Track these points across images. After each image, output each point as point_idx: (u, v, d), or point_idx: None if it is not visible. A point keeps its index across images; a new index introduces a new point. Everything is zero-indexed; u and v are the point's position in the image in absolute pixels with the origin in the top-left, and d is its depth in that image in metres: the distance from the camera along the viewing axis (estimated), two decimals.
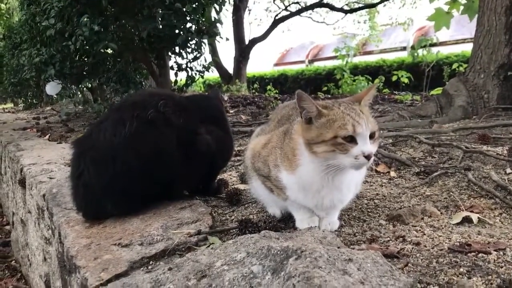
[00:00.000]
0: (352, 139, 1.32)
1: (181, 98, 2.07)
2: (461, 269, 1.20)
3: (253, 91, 13.45)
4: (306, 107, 1.39)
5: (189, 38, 5.43)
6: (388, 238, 1.47)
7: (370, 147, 1.33)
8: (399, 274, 1.15)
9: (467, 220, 1.59)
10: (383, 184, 2.13)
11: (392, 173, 2.28)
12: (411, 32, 19.35)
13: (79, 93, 6.64)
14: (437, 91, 5.41)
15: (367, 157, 1.32)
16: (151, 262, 1.36)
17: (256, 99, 8.03)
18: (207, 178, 2.08)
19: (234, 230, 1.61)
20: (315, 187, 1.44)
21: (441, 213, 1.69)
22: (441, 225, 1.57)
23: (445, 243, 1.40)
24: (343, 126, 1.32)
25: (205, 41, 5.78)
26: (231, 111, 6.19)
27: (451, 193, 1.92)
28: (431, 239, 1.44)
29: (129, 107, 1.82)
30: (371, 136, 1.35)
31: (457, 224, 1.58)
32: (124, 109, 1.82)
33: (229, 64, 15.64)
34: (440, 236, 1.47)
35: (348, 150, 1.32)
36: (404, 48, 18.64)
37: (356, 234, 1.53)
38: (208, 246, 1.40)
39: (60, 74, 5.93)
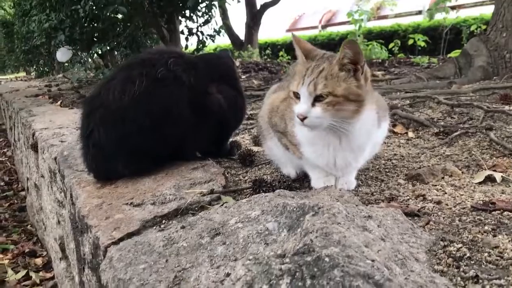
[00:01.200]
0: (299, 97, 1.30)
1: (191, 57, 2.01)
2: (486, 227, 1.14)
3: (265, 57, 13.26)
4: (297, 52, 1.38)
5: (199, 1, 5.29)
6: (408, 197, 1.42)
7: (302, 108, 1.27)
8: (420, 232, 1.11)
9: (490, 179, 1.53)
10: (401, 145, 2.06)
11: (410, 134, 2.21)
12: None
13: (89, 59, 6.57)
14: (455, 53, 5.25)
15: (299, 117, 1.28)
16: (163, 221, 1.33)
17: (268, 65, 7.90)
18: (220, 139, 2.03)
19: (247, 190, 1.57)
20: (321, 143, 1.39)
21: (462, 172, 1.63)
22: (463, 184, 1.51)
23: (468, 201, 1.34)
24: (294, 81, 1.32)
25: (216, 3, 5.64)
26: (243, 77, 6.10)
27: (472, 152, 1.86)
28: (453, 198, 1.39)
29: (138, 65, 1.75)
30: (319, 99, 1.26)
31: (480, 183, 1.51)
32: (133, 67, 1.76)
33: (240, 30, 15.39)
34: (462, 195, 1.41)
35: (293, 106, 1.34)
36: (419, 12, 18.15)
37: (374, 193, 1.48)
38: (222, 205, 1.37)
39: (70, 39, 5.87)
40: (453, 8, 8.33)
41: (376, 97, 1.46)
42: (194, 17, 5.82)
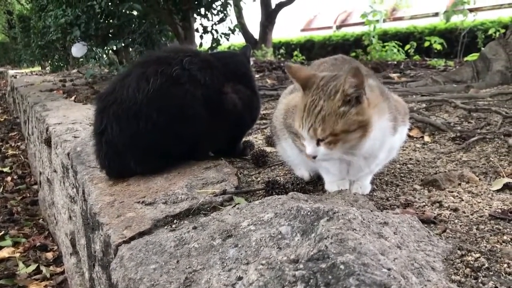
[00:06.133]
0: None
1: (206, 55, 1.99)
2: (505, 237, 1.12)
3: (279, 56, 13.23)
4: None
5: None
6: (424, 203, 1.39)
7: (309, 150, 1.28)
8: (437, 240, 1.08)
9: (508, 187, 1.49)
10: (417, 149, 2.03)
11: (426, 138, 2.18)
12: None
13: (104, 55, 6.60)
14: (472, 57, 5.18)
15: (309, 157, 1.29)
16: (175, 221, 1.32)
17: (282, 64, 7.86)
18: (233, 139, 2.01)
19: (260, 192, 1.55)
20: None
21: (479, 179, 1.60)
22: (480, 191, 1.48)
23: (486, 209, 1.31)
24: (295, 121, 1.33)
25: (231, 2, 5.63)
26: (256, 76, 6.08)
27: (490, 159, 1.82)
28: (470, 205, 1.36)
29: (153, 63, 1.75)
30: (321, 139, 1.25)
31: (498, 191, 1.48)
32: (148, 64, 1.75)
33: (255, 29, 15.38)
34: (480, 202, 1.38)
35: (298, 139, 1.37)
36: (436, 14, 17.95)
37: (389, 198, 1.45)
38: (234, 206, 1.35)
39: (85, 35, 5.90)
40: (471, 10, 8.22)
41: (393, 102, 1.42)
42: (209, 15, 5.82)
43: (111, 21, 6.01)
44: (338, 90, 1.22)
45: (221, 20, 5.92)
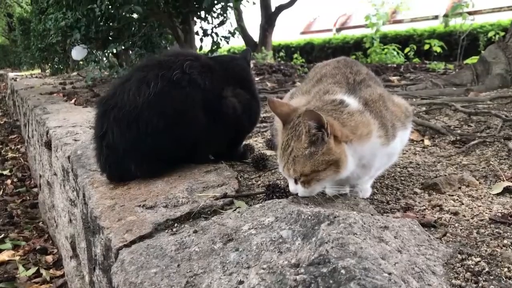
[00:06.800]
0: None
1: (206, 59, 2.00)
2: (505, 241, 1.12)
3: (279, 59, 13.24)
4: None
5: (215, 2, 5.30)
6: (424, 207, 1.39)
7: (291, 188, 1.33)
8: (437, 244, 1.09)
9: (508, 191, 1.50)
10: (417, 152, 2.03)
11: (426, 142, 2.18)
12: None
13: (104, 58, 6.61)
14: (472, 60, 5.19)
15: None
16: (176, 225, 1.32)
17: (282, 67, 7.86)
18: (233, 142, 2.02)
19: (261, 195, 1.55)
20: None
21: (479, 182, 1.60)
22: (480, 195, 1.48)
23: (486, 213, 1.32)
24: (277, 158, 1.35)
25: (231, 4, 5.64)
26: (256, 79, 6.08)
27: (490, 162, 1.82)
28: (470, 209, 1.36)
29: (154, 67, 1.75)
30: (297, 178, 1.29)
31: (498, 194, 1.48)
32: (149, 68, 1.76)
33: (254, 32, 15.39)
34: (480, 206, 1.38)
35: None
36: (436, 17, 17.96)
37: (390, 202, 1.45)
38: (235, 210, 1.35)
39: (85, 38, 5.91)
40: (470, 13, 8.24)
41: (392, 109, 1.42)
42: (209, 18, 5.84)
43: (111, 24, 6.02)
44: (303, 132, 1.24)
45: (221, 23, 5.93)
